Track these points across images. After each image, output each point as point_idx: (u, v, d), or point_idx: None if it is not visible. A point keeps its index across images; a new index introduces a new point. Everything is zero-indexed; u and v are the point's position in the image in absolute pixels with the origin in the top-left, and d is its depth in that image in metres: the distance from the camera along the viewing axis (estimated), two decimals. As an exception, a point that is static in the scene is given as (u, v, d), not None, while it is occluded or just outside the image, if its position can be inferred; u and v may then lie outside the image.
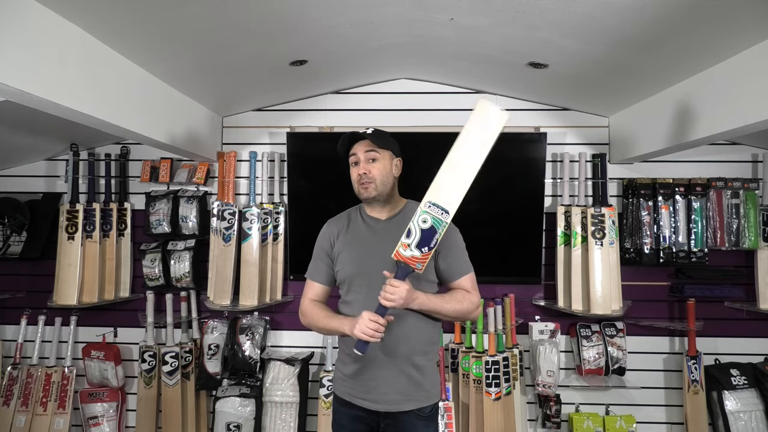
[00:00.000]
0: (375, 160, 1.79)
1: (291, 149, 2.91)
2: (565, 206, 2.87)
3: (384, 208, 1.83)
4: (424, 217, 1.64)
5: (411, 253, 1.63)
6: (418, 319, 1.75)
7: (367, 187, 1.77)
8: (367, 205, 1.86)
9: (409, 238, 1.63)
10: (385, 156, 1.80)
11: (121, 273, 3.00)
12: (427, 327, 1.79)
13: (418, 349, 1.77)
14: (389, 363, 1.74)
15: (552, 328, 2.92)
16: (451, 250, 1.78)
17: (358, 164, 1.81)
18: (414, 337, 1.76)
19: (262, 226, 2.88)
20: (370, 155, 1.79)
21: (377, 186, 1.77)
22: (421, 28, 2.17)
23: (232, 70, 2.42)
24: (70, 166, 2.98)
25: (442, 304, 1.73)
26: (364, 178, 1.77)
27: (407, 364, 1.75)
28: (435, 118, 3.01)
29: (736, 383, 2.78)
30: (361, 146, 1.80)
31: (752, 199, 2.81)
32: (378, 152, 1.79)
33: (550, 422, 2.82)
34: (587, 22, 1.84)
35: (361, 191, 1.80)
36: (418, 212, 1.65)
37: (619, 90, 2.60)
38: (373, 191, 1.77)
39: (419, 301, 1.68)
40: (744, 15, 1.66)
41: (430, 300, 1.71)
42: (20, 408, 2.89)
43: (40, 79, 1.57)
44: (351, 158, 1.83)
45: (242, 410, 2.79)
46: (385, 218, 1.83)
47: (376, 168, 1.78)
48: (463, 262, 1.81)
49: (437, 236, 1.63)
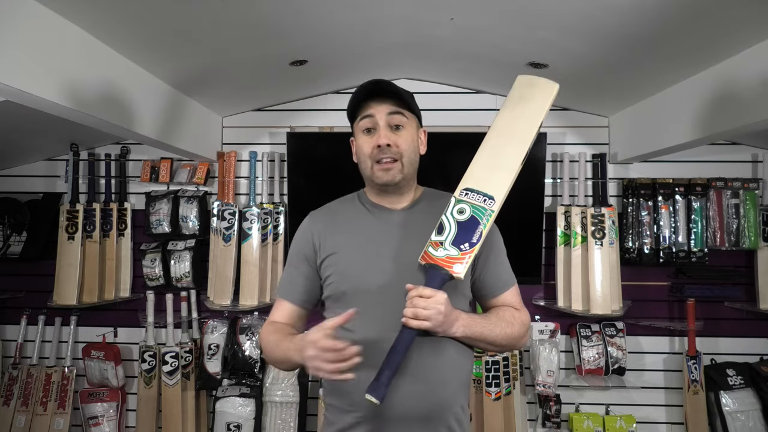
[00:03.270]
0: (401, 127, 1.26)
1: (291, 149, 2.90)
2: (565, 206, 2.87)
3: (401, 196, 1.32)
4: (461, 207, 1.22)
5: (445, 252, 1.16)
6: (456, 348, 1.22)
7: (389, 167, 1.24)
8: (377, 192, 1.33)
9: (441, 234, 1.19)
10: (413, 123, 1.30)
11: (121, 273, 3.00)
12: (466, 360, 1.26)
13: (459, 395, 1.23)
14: (418, 424, 1.17)
15: (552, 328, 2.92)
16: (494, 253, 1.31)
17: (373, 131, 1.26)
18: (454, 377, 1.22)
19: (262, 226, 2.88)
20: (395, 119, 1.25)
21: (404, 166, 1.26)
22: (421, 28, 2.17)
23: (232, 70, 2.42)
24: (70, 166, 2.98)
25: (491, 328, 1.21)
26: (385, 152, 1.23)
27: (443, 421, 1.19)
28: (435, 118, 3.01)
29: (732, 383, 2.78)
30: (381, 106, 1.25)
31: (752, 199, 2.81)
32: (406, 116, 1.27)
33: (550, 422, 2.82)
34: (587, 22, 1.84)
35: (377, 173, 1.25)
36: (452, 203, 1.23)
37: (619, 90, 2.60)
38: (398, 174, 1.25)
39: (462, 323, 1.16)
40: (744, 14, 1.66)
41: (476, 322, 1.19)
42: (20, 408, 2.89)
43: (40, 79, 1.57)
44: (362, 122, 1.28)
45: (242, 410, 2.79)
46: (400, 208, 1.32)
47: (403, 139, 1.25)
48: (509, 269, 1.35)
49: (481, 228, 1.19)
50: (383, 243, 1.26)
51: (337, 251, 1.28)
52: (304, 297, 1.33)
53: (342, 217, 1.35)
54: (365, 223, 1.31)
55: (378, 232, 1.29)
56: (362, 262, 1.25)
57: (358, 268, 1.25)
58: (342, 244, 1.29)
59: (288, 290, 1.34)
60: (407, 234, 1.26)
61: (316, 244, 1.32)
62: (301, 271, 1.33)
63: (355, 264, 1.26)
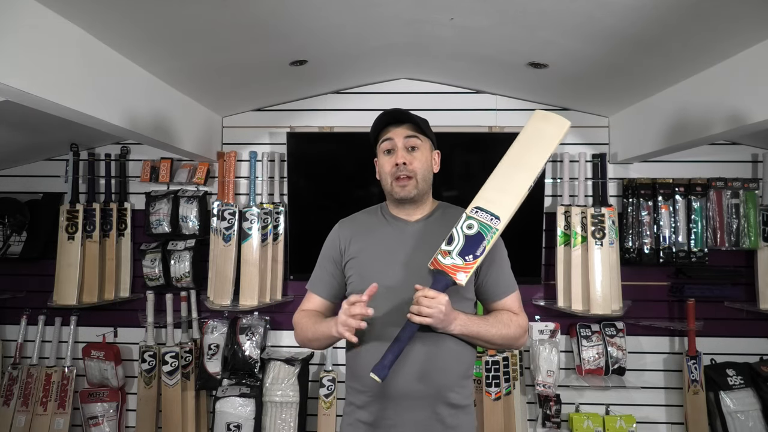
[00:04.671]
0: (416, 149, 1.46)
1: (291, 149, 2.91)
2: (565, 206, 2.87)
3: (416, 209, 1.52)
4: (470, 223, 1.39)
5: (452, 261, 1.35)
6: (456, 342, 1.42)
7: (405, 183, 1.45)
8: (396, 205, 1.53)
9: (450, 244, 1.38)
10: (427, 146, 1.50)
11: (121, 273, 3.00)
12: (466, 353, 1.46)
13: (455, 382, 1.43)
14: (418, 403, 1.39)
15: (552, 328, 2.92)
16: (496, 263, 1.49)
17: (392, 152, 1.47)
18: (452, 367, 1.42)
19: (262, 226, 2.88)
20: (410, 142, 1.46)
21: (418, 182, 1.46)
22: (421, 28, 2.17)
23: (232, 70, 2.42)
24: (70, 166, 2.98)
25: (487, 328, 1.41)
26: (402, 170, 1.44)
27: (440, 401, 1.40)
28: (435, 118, 2.99)
29: (732, 383, 2.78)
30: (399, 130, 1.47)
31: (752, 199, 2.81)
32: (420, 139, 1.47)
33: (550, 422, 2.82)
34: (587, 22, 1.84)
35: (395, 189, 1.46)
36: (462, 218, 1.40)
37: (619, 90, 2.60)
38: (413, 189, 1.46)
39: (460, 322, 1.36)
40: (744, 15, 1.66)
41: (473, 322, 1.40)
42: (20, 408, 2.89)
43: (40, 79, 1.57)
44: (383, 144, 1.49)
45: (242, 410, 2.78)
46: (415, 220, 1.52)
47: (418, 159, 1.46)
48: (509, 278, 1.52)
49: (485, 244, 1.37)
50: (397, 250, 1.47)
51: (357, 256, 1.50)
52: (331, 292, 1.56)
53: (365, 227, 1.55)
54: (384, 233, 1.52)
55: (394, 240, 1.49)
56: (378, 265, 1.46)
57: (374, 271, 1.44)
58: (362, 249, 1.50)
59: (317, 285, 1.57)
60: (419, 242, 1.46)
61: (342, 248, 1.53)
62: (328, 271, 1.56)
63: (372, 267, 1.47)
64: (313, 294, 1.57)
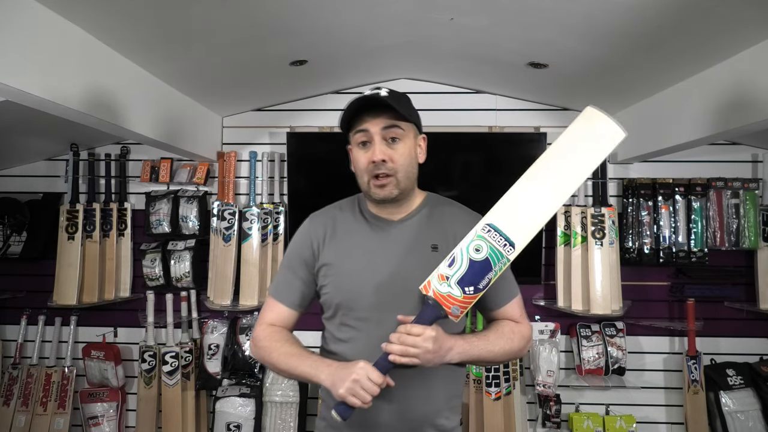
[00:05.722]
0: (397, 140, 1.21)
1: (291, 149, 2.90)
2: (565, 206, 2.87)
3: (400, 207, 1.29)
4: (478, 245, 1.14)
5: (448, 289, 1.13)
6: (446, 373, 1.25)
7: (384, 183, 1.20)
8: (375, 204, 1.29)
9: (451, 267, 1.14)
10: (410, 133, 1.24)
11: (121, 273, 3.00)
12: (455, 374, 1.29)
13: (444, 405, 1.26)
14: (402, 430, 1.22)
15: (552, 328, 2.92)
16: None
17: (368, 145, 1.21)
18: (439, 392, 1.25)
19: (262, 226, 2.88)
20: (390, 133, 1.20)
21: (399, 181, 1.21)
22: (421, 28, 2.17)
23: (232, 70, 2.42)
24: (70, 166, 2.98)
25: (489, 348, 1.22)
26: (381, 168, 1.19)
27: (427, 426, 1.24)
28: (435, 119, 3.01)
29: (732, 383, 2.78)
30: (376, 119, 1.19)
31: (752, 199, 2.81)
32: (402, 128, 1.21)
33: (550, 422, 2.82)
34: (587, 22, 1.84)
35: (373, 190, 1.22)
36: (471, 236, 1.16)
37: (619, 90, 2.59)
38: (394, 189, 1.21)
39: (457, 350, 1.16)
40: (744, 15, 1.66)
41: (472, 345, 1.20)
42: (20, 408, 2.89)
43: (40, 79, 1.57)
44: (357, 135, 1.22)
45: (242, 410, 2.79)
46: (398, 219, 1.29)
47: (400, 153, 1.20)
48: (510, 282, 1.33)
49: (491, 276, 1.15)
50: (379, 255, 1.25)
51: (333, 262, 1.28)
52: (300, 301, 1.33)
53: (341, 226, 1.32)
54: (363, 236, 1.29)
55: (375, 244, 1.27)
56: (356, 276, 1.25)
57: (352, 283, 1.25)
58: (338, 255, 1.28)
59: (284, 292, 1.33)
60: (404, 247, 1.25)
61: (315, 249, 1.31)
62: (298, 275, 1.32)
63: (350, 278, 1.25)
64: (277, 302, 1.32)
